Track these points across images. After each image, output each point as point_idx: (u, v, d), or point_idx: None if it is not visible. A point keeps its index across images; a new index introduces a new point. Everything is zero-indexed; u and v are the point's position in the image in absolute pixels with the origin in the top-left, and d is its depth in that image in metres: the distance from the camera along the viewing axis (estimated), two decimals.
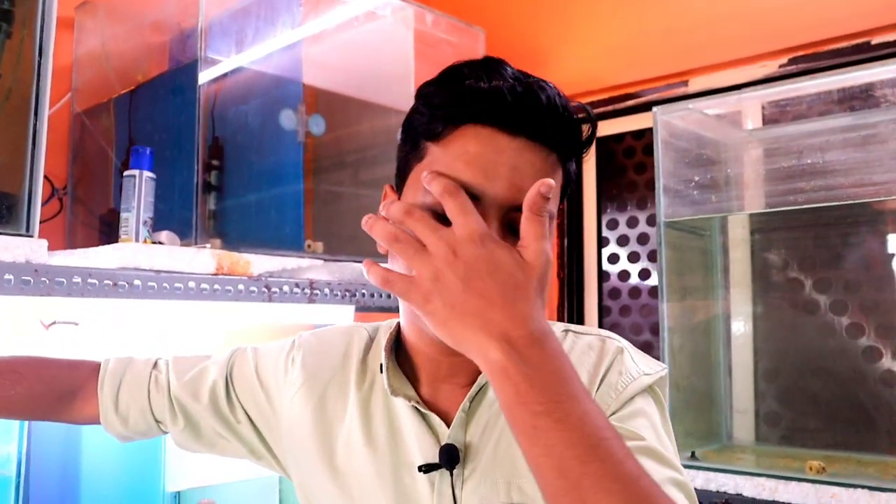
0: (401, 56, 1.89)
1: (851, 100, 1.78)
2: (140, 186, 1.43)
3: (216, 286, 1.36)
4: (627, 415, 0.79)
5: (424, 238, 0.66)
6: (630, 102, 2.18)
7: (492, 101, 0.75)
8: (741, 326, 1.97)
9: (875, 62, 1.70)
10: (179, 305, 1.37)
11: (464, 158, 0.74)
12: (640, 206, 2.25)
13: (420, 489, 0.83)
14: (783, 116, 1.95)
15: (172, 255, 1.34)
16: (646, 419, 0.79)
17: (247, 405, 0.97)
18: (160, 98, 1.63)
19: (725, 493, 1.62)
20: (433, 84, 0.80)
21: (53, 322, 1.47)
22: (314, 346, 0.97)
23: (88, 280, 1.20)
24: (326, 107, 1.79)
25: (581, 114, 0.80)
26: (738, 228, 1.99)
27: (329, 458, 0.89)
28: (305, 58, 1.76)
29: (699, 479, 1.66)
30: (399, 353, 0.89)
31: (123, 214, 1.43)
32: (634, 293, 2.25)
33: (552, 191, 0.68)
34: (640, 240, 2.25)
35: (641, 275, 2.24)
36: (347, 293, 1.57)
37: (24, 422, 1.34)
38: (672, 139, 1.87)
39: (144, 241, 1.41)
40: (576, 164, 0.83)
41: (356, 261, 1.63)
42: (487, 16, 2.25)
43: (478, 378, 0.83)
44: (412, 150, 0.80)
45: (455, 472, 0.81)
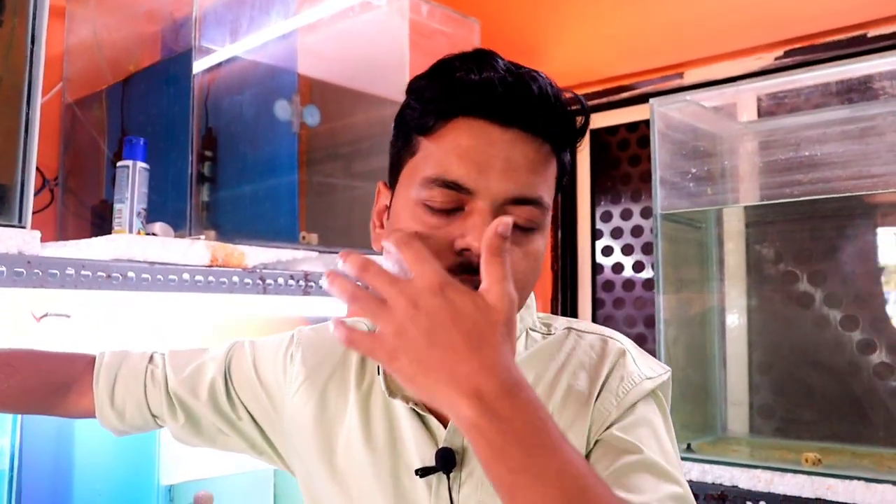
0: (396, 46, 1.88)
1: (847, 92, 1.79)
2: (134, 177, 1.41)
3: (210, 278, 1.35)
4: (629, 424, 0.78)
5: (384, 293, 0.63)
6: (625, 94, 2.18)
7: (483, 93, 0.74)
8: (736, 319, 1.97)
9: (871, 55, 1.70)
10: (173, 297, 1.36)
11: (456, 152, 0.74)
12: (635, 199, 2.25)
13: (419, 492, 0.82)
14: (779, 109, 1.95)
15: (166, 247, 1.33)
16: (648, 427, 0.78)
17: (247, 402, 0.96)
18: (153, 88, 1.62)
19: (721, 486, 1.62)
20: (424, 78, 0.79)
21: (45, 314, 1.46)
22: (314, 342, 0.96)
23: (82, 272, 1.19)
24: (321, 97, 1.78)
25: (574, 104, 0.79)
26: (734, 221, 1.99)
27: (329, 457, 0.88)
28: (300, 48, 1.74)
29: (695, 472, 1.67)
30: None
31: (117, 205, 1.41)
32: (628, 286, 2.25)
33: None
34: (634, 232, 2.25)
35: (635, 267, 2.24)
36: None
37: (17, 415, 1.33)
38: (668, 131, 1.87)
39: (138, 233, 1.40)
40: (570, 155, 0.82)
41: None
42: (483, 7, 2.24)
43: None
44: (405, 146, 0.79)
45: (452, 476, 0.80)
